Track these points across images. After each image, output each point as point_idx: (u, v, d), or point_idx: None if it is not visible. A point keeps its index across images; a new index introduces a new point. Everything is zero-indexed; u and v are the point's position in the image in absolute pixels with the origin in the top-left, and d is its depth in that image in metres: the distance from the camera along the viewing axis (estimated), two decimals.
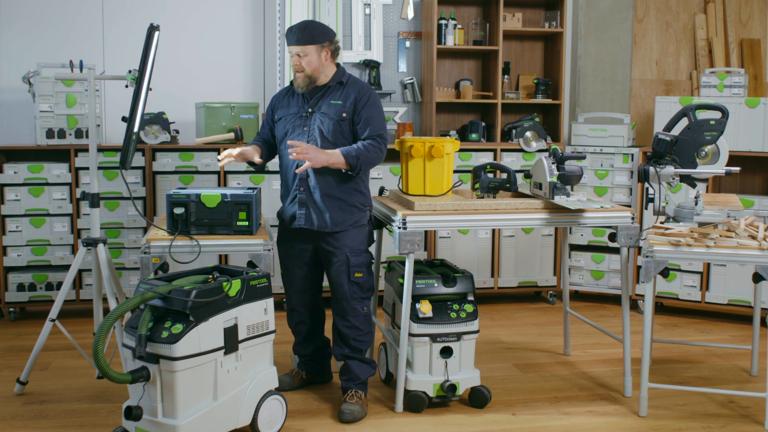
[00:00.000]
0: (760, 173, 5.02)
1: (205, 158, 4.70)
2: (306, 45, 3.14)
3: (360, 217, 3.26)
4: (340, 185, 3.20)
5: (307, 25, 3.18)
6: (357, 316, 3.26)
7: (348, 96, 3.20)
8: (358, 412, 3.15)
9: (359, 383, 3.27)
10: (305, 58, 3.15)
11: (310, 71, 3.18)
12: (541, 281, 5.16)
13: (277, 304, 4.79)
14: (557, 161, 3.30)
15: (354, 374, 3.27)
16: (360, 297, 3.25)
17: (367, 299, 3.29)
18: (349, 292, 3.23)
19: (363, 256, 3.25)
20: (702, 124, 3.34)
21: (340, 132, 3.18)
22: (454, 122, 5.44)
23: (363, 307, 3.27)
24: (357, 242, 3.25)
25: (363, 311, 3.27)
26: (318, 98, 3.22)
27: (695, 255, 3.10)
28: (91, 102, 3.39)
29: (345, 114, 3.18)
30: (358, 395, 3.23)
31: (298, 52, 3.15)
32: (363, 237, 3.28)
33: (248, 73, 5.28)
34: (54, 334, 3.58)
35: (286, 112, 3.30)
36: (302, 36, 3.14)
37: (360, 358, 3.29)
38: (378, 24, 5.26)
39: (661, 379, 3.67)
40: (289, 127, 3.25)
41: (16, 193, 4.55)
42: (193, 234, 3.06)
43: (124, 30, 5.04)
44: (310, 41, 3.14)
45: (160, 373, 2.62)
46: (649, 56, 5.57)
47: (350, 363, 3.28)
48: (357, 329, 3.27)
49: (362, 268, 3.24)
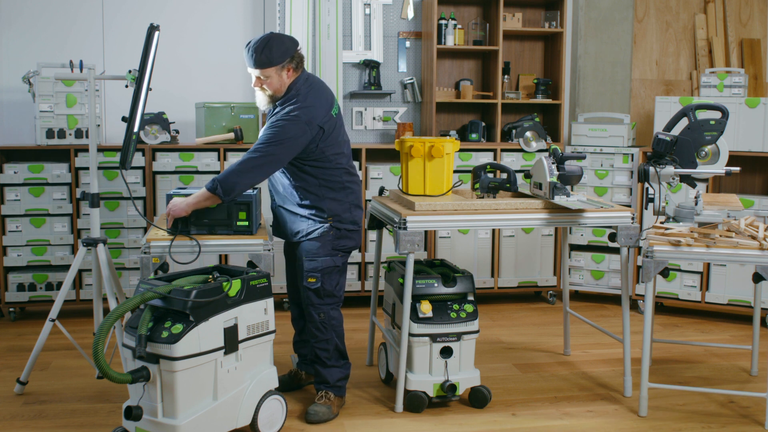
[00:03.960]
0: (760, 173, 5.02)
1: (205, 158, 4.70)
2: (266, 68, 3.02)
3: (315, 229, 3.14)
4: (291, 197, 3.18)
5: (266, 45, 3.00)
6: (313, 322, 3.18)
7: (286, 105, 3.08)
8: (323, 413, 3.14)
9: (329, 386, 3.23)
10: (267, 80, 3.05)
11: (272, 91, 3.08)
12: (541, 281, 5.16)
13: (278, 304, 4.79)
14: (557, 161, 3.30)
15: (321, 377, 3.24)
16: (314, 303, 3.15)
17: (325, 305, 3.17)
18: (304, 297, 3.18)
19: (318, 260, 3.13)
20: (702, 124, 3.34)
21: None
22: (454, 122, 5.44)
23: (320, 313, 3.16)
24: (315, 246, 3.15)
25: (319, 317, 3.16)
26: (270, 115, 3.15)
27: (695, 255, 3.10)
28: (91, 102, 3.39)
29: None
30: (327, 396, 3.21)
31: (258, 75, 3.05)
32: (323, 241, 3.14)
33: (248, 73, 5.27)
34: (54, 334, 3.58)
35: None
36: (260, 59, 3.00)
37: (321, 364, 3.22)
38: (378, 24, 5.26)
39: (661, 379, 3.67)
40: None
41: (16, 193, 4.55)
42: (193, 234, 3.06)
43: (124, 30, 5.04)
44: (268, 64, 3.01)
45: (160, 373, 2.62)
46: (649, 56, 5.57)
47: (316, 366, 3.25)
48: (313, 335, 3.20)
49: (315, 273, 3.13)
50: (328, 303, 3.18)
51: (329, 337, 3.20)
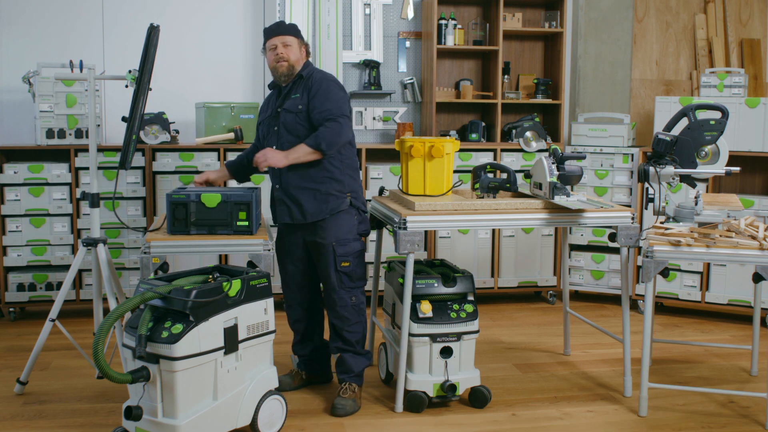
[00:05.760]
0: (760, 173, 5.02)
1: (205, 158, 4.70)
2: (290, 36, 3.30)
3: (337, 204, 3.25)
4: (311, 175, 3.23)
5: (289, 23, 3.38)
6: (345, 306, 3.27)
7: (304, 88, 3.27)
8: (350, 407, 3.19)
9: (353, 375, 3.30)
10: (289, 47, 3.28)
11: (293, 60, 3.28)
12: (541, 281, 5.16)
13: (277, 304, 4.79)
14: (557, 161, 3.29)
15: (348, 366, 3.30)
16: (348, 287, 3.27)
17: (356, 289, 3.30)
18: (337, 281, 3.25)
19: (350, 245, 3.26)
20: (702, 124, 3.34)
21: (300, 124, 3.23)
22: (454, 122, 5.44)
23: (351, 297, 3.28)
24: (343, 231, 3.26)
25: (351, 301, 3.28)
26: (284, 97, 3.31)
27: (695, 255, 3.10)
28: (91, 102, 3.39)
29: (301, 106, 3.24)
30: (352, 388, 3.26)
31: (282, 42, 3.27)
32: (350, 226, 3.29)
33: (248, 73, 5.28)
34: (54, 334, 3.58)
35: (264, 115, 3.41)
36: (287, 27, 3.32)
37: (353, 350, 3.31)
38: (378, 24, 5.25)
39: (661, 379, 3.67)
40: (266, 129, 3.36)
41: (16, 193, 4.55)
42: (193, 234, 3.06)
43: (124, 30, 5.05)
44: (293, 33, 3.32)
45: (160, 373, 2.62)
46: (649, 56, 5.57)
47: (344, 355, 3.31)
48: (346, 320, 3.27)
49: (349, 258, 3.25)
50: (359, 286, 3.31)
51: (362, 320, 3.33)
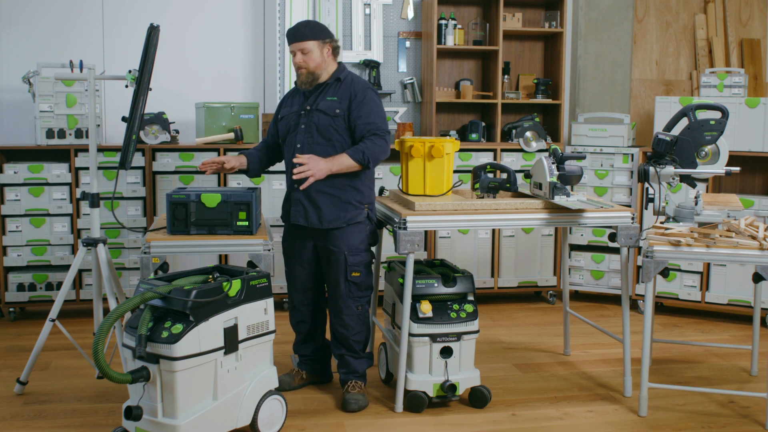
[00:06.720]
0: (760, 173, 5.02)
1: (205, 158, 4.68)
2: (308, 41, 3.19)
3: (355, 215, 3.26)
4: (335, 181, 3.21)
5: (307, 23, 3.25)
6: (351, 315, 3.29)
7: (344, 93, 3.23)
8: (362, 401, 3.25)
9: (358, 375, 3.36)
10: (308, 54, 3.19)
11: (313, 67, 3.21)
12: (541, 281, 5.16)
13: (278, 304, 4.79)
14: (557, 161, 3.30)
15: (352, 367, 3.35)
16: (356, 296, 3.29)
17: (363, 298, 3.32)
18: (345, 290, 3.26)
19: (362, 255, 3.27)
20: (702, 124, 3.34)
21: (334, 128, 3.21)
22: (454, 122, 5.44)
23: (358, 306, 3.30)
24: (357, 241, 3.26)
25: (357, 310, 3.30)
26: (316, 96, 3.26)
27: (695, 255, 3.10)
28: (91, 102, 3.39)
29: (338, 110, 3.20)
30: (359, 385, 3.32)
31: (300, 49, 3.19)
32: (363, 236, 3.29)
33: (248, 73, 5.28)
34: (54, 334, 3.58)
35: (288, 110, 3.36)
36: (304, 32, 3.20)
37: (356, 354, 3.36)
38: (378, 24, 5.25)
39: (661, 379, 3.67)
40: (291, 125, 3.31)
41: (16, 193, 4.55)
42: (193, 234, 3.06)
43: (124, 30, 5.04)
44: (311, 37, 3.20)
45: (160, 373, 2.62)
46: (649, 56, 5.57)
47: (347, 358, 3.35)
48: (350, 327, 3.30)
49: (360, 268, 3.26)
50: (367, 295, 3.34)
51: (365, 328, 3.36)
